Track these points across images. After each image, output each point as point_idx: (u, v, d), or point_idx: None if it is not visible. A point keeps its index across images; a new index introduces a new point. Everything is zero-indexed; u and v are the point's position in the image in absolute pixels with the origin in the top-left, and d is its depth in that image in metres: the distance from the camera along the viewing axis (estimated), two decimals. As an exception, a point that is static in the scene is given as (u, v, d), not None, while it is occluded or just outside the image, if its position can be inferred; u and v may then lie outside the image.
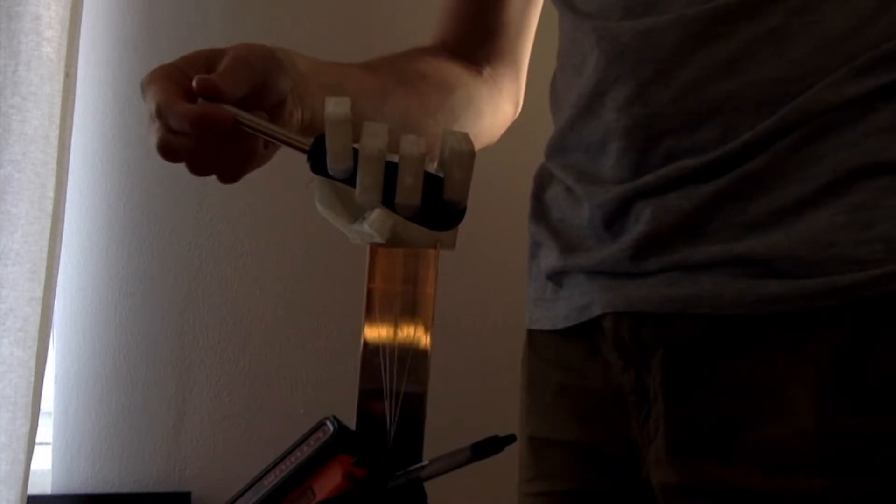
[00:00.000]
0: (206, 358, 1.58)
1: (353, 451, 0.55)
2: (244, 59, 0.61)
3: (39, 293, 1.40)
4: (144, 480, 1.55)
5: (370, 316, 0.56)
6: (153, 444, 1.55)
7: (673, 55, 0.66)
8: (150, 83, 0.60)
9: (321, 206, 0.56)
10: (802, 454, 0.62)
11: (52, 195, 1.41)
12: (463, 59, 0.88)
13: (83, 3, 1.47)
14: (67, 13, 1.43)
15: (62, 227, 1.45)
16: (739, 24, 0.65)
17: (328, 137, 0.54)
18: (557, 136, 0.78)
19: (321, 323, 1.62)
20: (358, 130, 0.55)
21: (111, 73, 1.56)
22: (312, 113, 0.66)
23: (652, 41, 0.67)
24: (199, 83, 0.58)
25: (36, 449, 1.44)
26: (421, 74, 0.82)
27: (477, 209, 0.74)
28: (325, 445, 0.55)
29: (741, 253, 0.64)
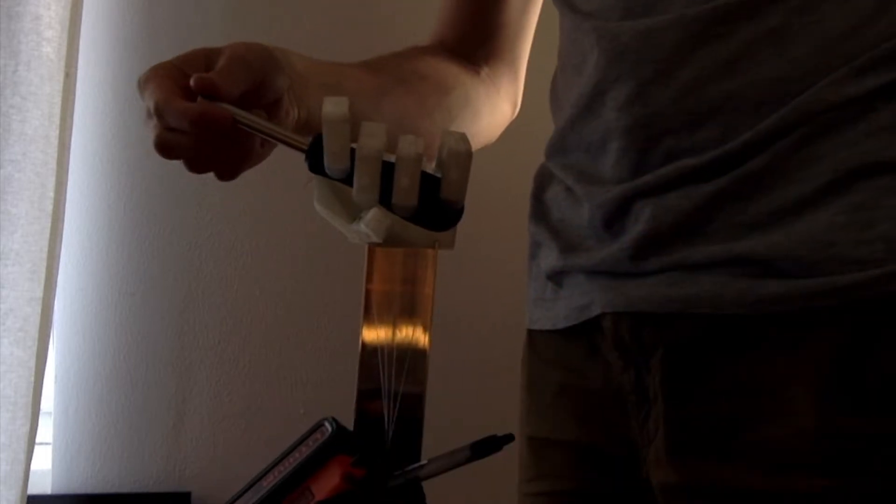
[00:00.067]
0: (206, 358, 1.58)
1: (351, 451, 0.55)
2: (242, 57, 0.61)
3: (39, 293, 1.40)
4: (144, 480, 1.55)
5: (368, 316, 0.56)
6: (153, 444, 1.55)
7: (673, 55, 0.66)
8: (148, 81, 0.60)
9: (319, 205, 0.56)
10: (802, 454, 0.62)
11: (52, 195, 1.41)
12: (461, 58, 0.88)
13: (83, 3, 1.47)
14: (67, 13, 1.43)
15: (62, 227, 1.45)
16: (739, 23, 0.65)
17: (326, 137, 0.54)
18: (557, 135, 0.78)
19: (321, 323, 1.62)
20: (356, 130, 0.55)
21: (111, 73, 1.56)
22: (309, 112, 0.66)
23: (652, 41, 0.67)
24: (197, 81, 0.59)
25: (36, 449, 1.44)
26: (419, 74, 0.82)
27: (476, 209, 0.74)
28: (323, 446, 0.55)
29: (741, 253, 0.64)
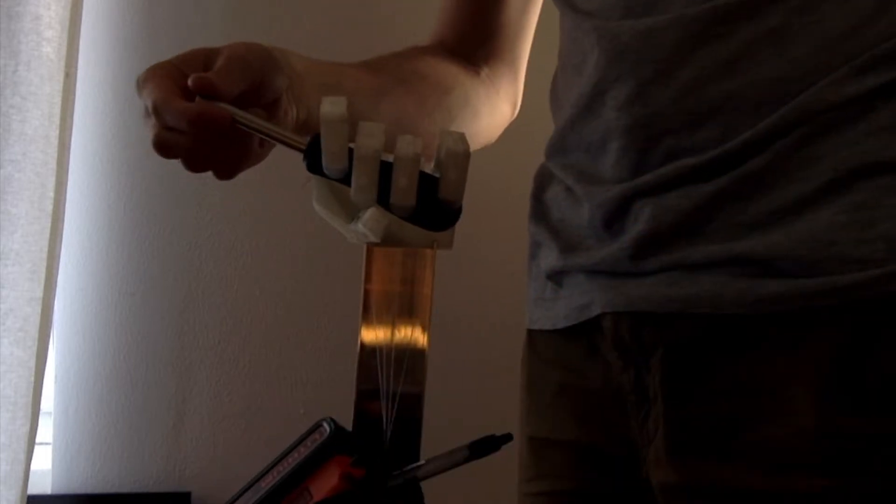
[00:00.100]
0: (206, 358, 1.58)
1: (350, 451, 0.55)
2: (241, 57, 0.61)
3: (39, 293, 1.40)
4: (144, 480, 1.55)
5: (367, 317, 0.56)
6: (153, 444, 1.55)
7: (673, 55, 0.66)
8: (146, 80, 0.60)
9: (318, 205, 0.56)
10: (802, 454, 0.62)
11: (52, 195, 1.41)
12: (461, 58, 0.88)
13: (83, 3, 1.47)
14: (67, 13, 1.43)
15: (62, 227, 1.45)
16: (739, 23, 0.65)
17: (324, 137, 0.54)
18: (557, 135, 0.78)
19: (321, 323, 1.62)
20: (354, 130, 0.54)
21: (111, 73, 1.56)
22: (308, 112, 0.66)
23: (652, 41, 0.67)
24: (195, 81, 0.59)
25: (36, 449, 1.44)
26: (419, 74, 0.82)
27: (476, 209, 0.74)
28: (321, 446, 0.55)
29: (741, 252, 0.64)
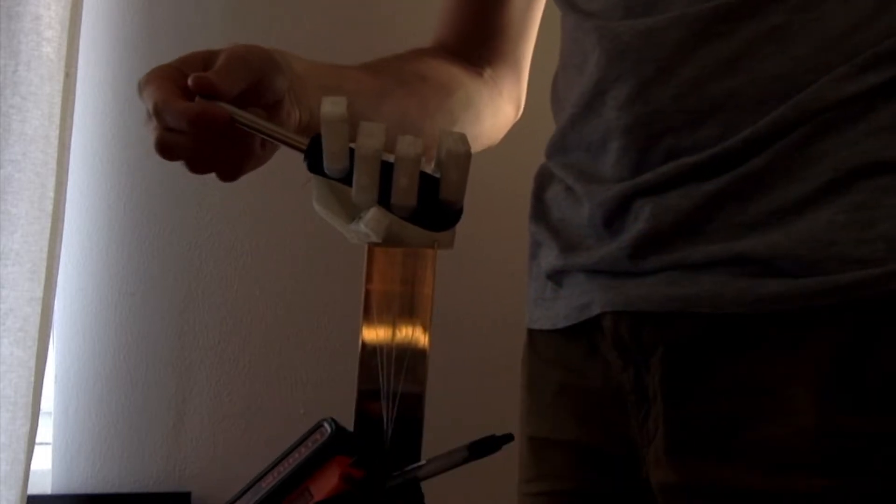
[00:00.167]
0: (206, 358, 1.58)
1: (350, 452, 0.55)
2: (241, 56, 0.61)
3: (39, 293, 1.40)
4: (144, 480, 1.55)
5: (368, 316, 0.55)
6: (153, 444, 1.55)
7: (674, 53, 0.66)
8: (147, 83, 0.60)
9: (318, 205, 0.56)
10: (802, 453, 0.62)
11: (52, 195, 1.41)
12: (463, 60, 0.88)
13: (83, 3, 1.47)
14: (67, 13, 1.43)
15: (62, 227, 1.45)
16: (741, 22, 0.65)
17: (324, 137, 0.54)
18: (558, 135, 0.78)
19: (321, 323, 1.62)
20: (355, 130, 0.54)
21: (111, 73, 1.56)
22: (310, 114, 0.66)
23: (653, 40, 0.67)
24: (195, 81, 0.59)
25: (36, 449, 1.44)
26: (420, 76, 0.82)
27: (477, 209, 0.74)
28: (322, 447, 0.55)
29: (741, 252, 0.64)
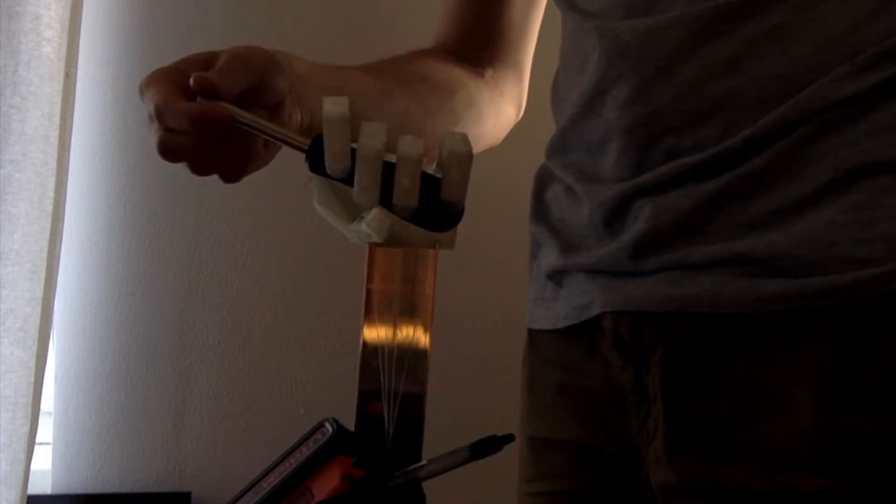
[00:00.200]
0: (206, 358, 1.58)
1: (351, 452, 0.55)
2: (242, 56, 0.61)
3: (39, 293, 1.40)
4: (144, 480, 1.55)
5: (369, 316, 0.56)
6: (153, 444, 1.55)
7: (674, 53, 0.66)
8: (148, 85, 0.60)
9: (319, 205, 0.56)
10: (802, 453, 0.62)
11: (52, 195, 1.41)
12: (464, 61, 0.88)
13: (83, 3, 1.47)
14: (67, 13, 1.43)
15: (62, 227, 1.45)
16: (741, 21, 0.65)
17: (326, 137, 0.54)
18: (558, 135, 0.78)
19: (321, 323, 1.62)
20: (356, 131, 0.55)
21: (111, 73, 1.56)
22: (311, 115, 0.66)
23: (653, 40, 0.67)
24: (195, 80, 0.59)
25: (36, 449, 1.43)
26: (422, 76, 0.82)
27: (477, 209, 0.74)
28: (323, 447, 0.55)
29: (741, 252, 0.64)
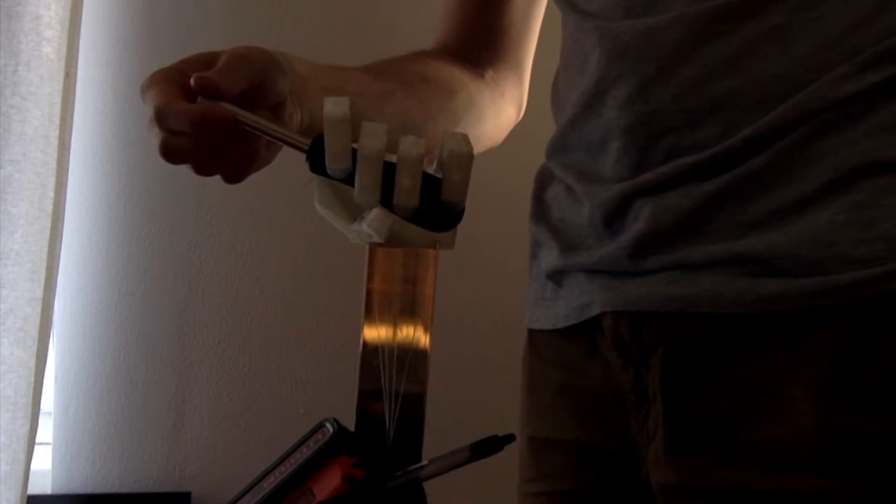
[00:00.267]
0: (206, 358, 1.58)
1: (352, 452, 0.55)
2: (243, 56, 0.61)
3: (39, 293, 1.40)
4: (144, 480, 1.55)
5: (369, 316, 0.56)
6: (153, 444, 1.55)
7: (675, 53, 0.66)
8: (149, 86, 0.60)
9: (320, 205, 0.56)
10: (802, 453, 0.62)
11: (52, 195, 1.41)
12: (465, 61, 0.88)
13: (83, 3, 1.47)
14: (67, 13, 1.43)
15: (62, 227, 1.45)
16: (741, 21, 0.65)
17: (327, 137, 0.54)
18: (559, 135, 0.78)
19: (321, 323, 1.62)
20: (357, 131, 0.55)
21: (111, 73, 1.56)
22: (311, 116, 0.66)
23: (653, 39, 0.67)
24: (196, 80, 0.59)
25: (36, 449, 1.43)
26: (422, 77, 0.82)
27: (477, 209, 0.74)
28: (324, 447, 0.55)
29: (741, 252, 0.64)
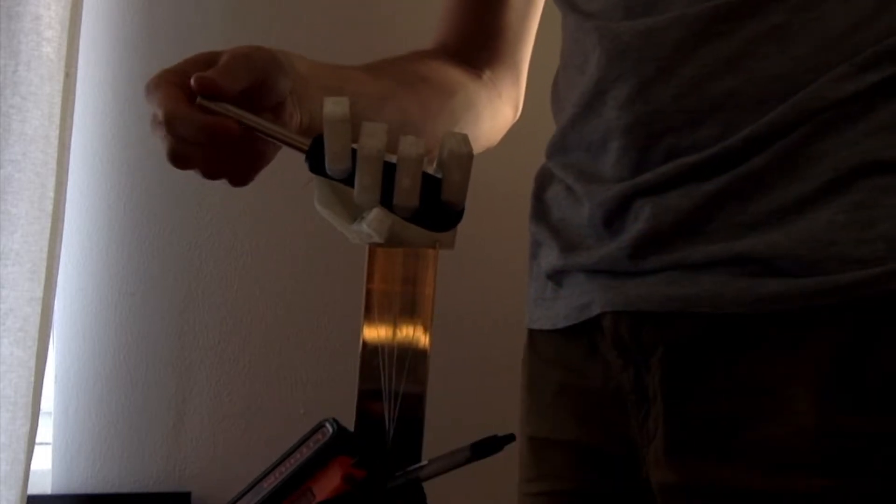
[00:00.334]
0: (206, 358, 1.58)
1: (352, 452, 0.55)
2: (244, 55, 0.61)
3: (39, 293, 1.40)
4: (144, 480, 1.55)
5: (369, 316, 0.56)
6: (153, 444, 1.55)
7: (674, 53, 0.66)
8: (156, 87, 0.60)
9: (320, 205, 0.56)
10: (802, 453, 0.62)
11: (52, 195, 1.41)
12: (463, 62, 0.88)
13: (83, 3, 1.47)
14: (67, 13, 1.43)
15: (62, 227, 1.45)
16: (741, 21, 0.65)
17: (327, 137, 0.54)
18: (559, 135, 0.78)
19: (321, 323, 1.62)
20: (357, 131, 0.55)
21: (111, 73, 1.56)
22: (311, 116, 0.66)
23: (653, 39, 0.67)
24: (196, 81, 0.58)
25: (36, 449, 1.43)
26: (421, 77, 0.82)
27: (477, 209, 0.74)
28: (324, 447, 0.55)
29: (741, 252, 0.64)
